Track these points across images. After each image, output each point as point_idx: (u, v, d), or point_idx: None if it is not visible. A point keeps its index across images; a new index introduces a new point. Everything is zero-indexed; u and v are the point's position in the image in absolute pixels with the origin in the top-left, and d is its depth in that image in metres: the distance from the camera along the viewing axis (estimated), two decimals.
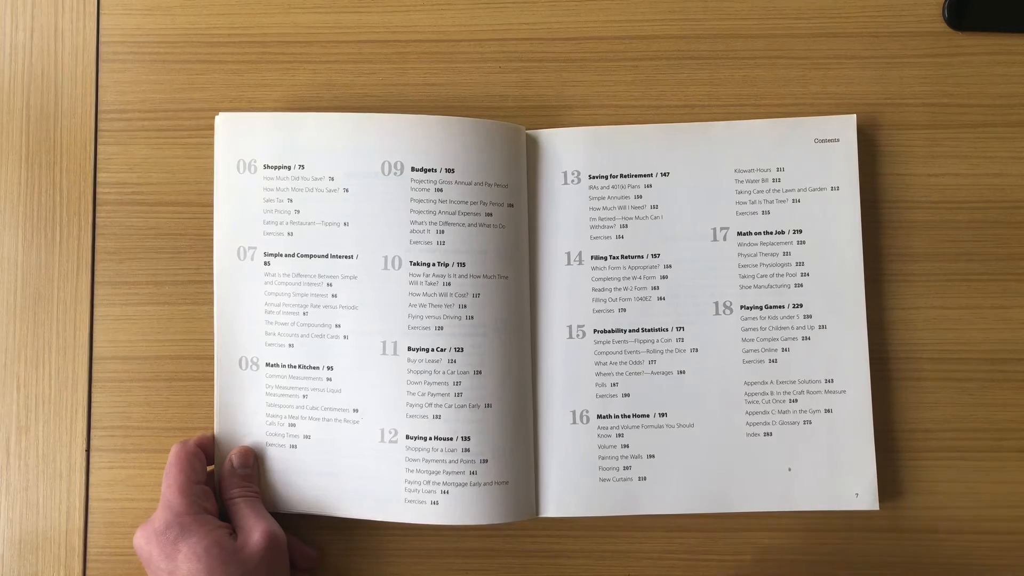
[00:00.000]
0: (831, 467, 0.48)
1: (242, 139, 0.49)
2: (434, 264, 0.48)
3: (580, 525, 0.50)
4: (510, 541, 0.50)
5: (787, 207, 0.49)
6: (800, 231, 0.49)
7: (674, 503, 0.48)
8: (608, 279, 0.50)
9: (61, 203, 0.52)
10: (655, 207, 0.50)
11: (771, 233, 0.49)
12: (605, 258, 0.50)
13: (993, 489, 0.49)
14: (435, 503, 0.47)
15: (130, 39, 0.52)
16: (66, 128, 0.52)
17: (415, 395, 0.47)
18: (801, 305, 0.49)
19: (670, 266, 0.49)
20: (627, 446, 0.49)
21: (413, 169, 0.48)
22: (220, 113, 0.50)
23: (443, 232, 0.48)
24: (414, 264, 0.48)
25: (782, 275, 0.49)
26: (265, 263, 0.49)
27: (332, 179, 0.49)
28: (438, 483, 0.47)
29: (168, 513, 0.44)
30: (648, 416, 0.49)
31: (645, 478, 0.49)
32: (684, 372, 0.49)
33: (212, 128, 0.50)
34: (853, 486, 0.48)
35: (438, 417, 0.47)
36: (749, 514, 0.49)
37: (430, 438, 0.47)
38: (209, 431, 0.49)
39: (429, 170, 0.48)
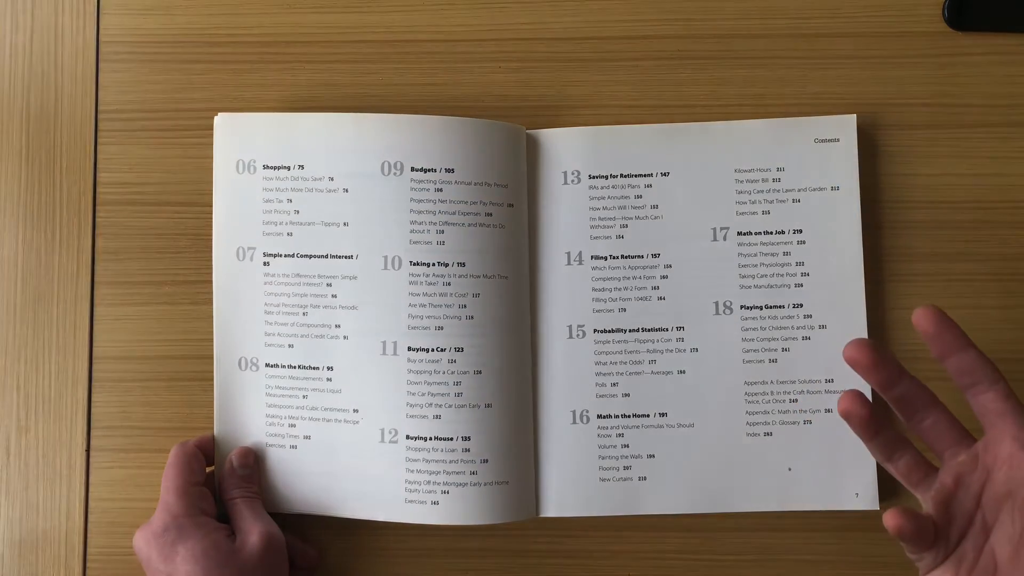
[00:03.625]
0: (831, 467, 0.48)
1: (241, 139, 0.49)
2: (434, 264, 0.48)
3: (580, 525, 0.50)
4: (510, 541, 0.50)
5: (787, 207, 0.49)
6: (800, 231, 0.49)
7: (674, 503, 0.48)
8: (608, 279, 0.50)
9: (61, 203, 0.52)
10: (655, 207, 0.50)
11: (771, 233, 0.49)
12: (605, 258, 0.50)
13: None
14: (435, 503, 0.47)
15: (130, 39, 0.52)
16: (66, 128, 0.52)
17: (415, 395, 0.47)
18: (801, 305, 0.49)
19: (670, 266, 0.49)
20: (627, 446, 0.49)
21: (413, 169, 0.48)
22: (219, 113, 0.50)
23: (443, 232, 0.48)
24: (414, 264, 0.48)
25: (782, 275, 0.49)
26: (264, 263, 0.49)
27: (332, 179, 0.49)
28: (438, 483, 0.47)
29: (166, 515, 0.44)
30: (648, 416, 0.49)
31: (645, 478, 0.49)
32: (684, 372, 0.49)
33: (212, 128, 0.50)
34: (853, 486, 0.48)
35: (438, 417, 0.47)
36: (749, 514, 0.49)
37: (430, 438, 0.47)
38: (209, 431, 0.49)
39: (429, 170, 0.48)
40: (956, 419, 0.39)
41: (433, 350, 0.48)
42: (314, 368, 0.48)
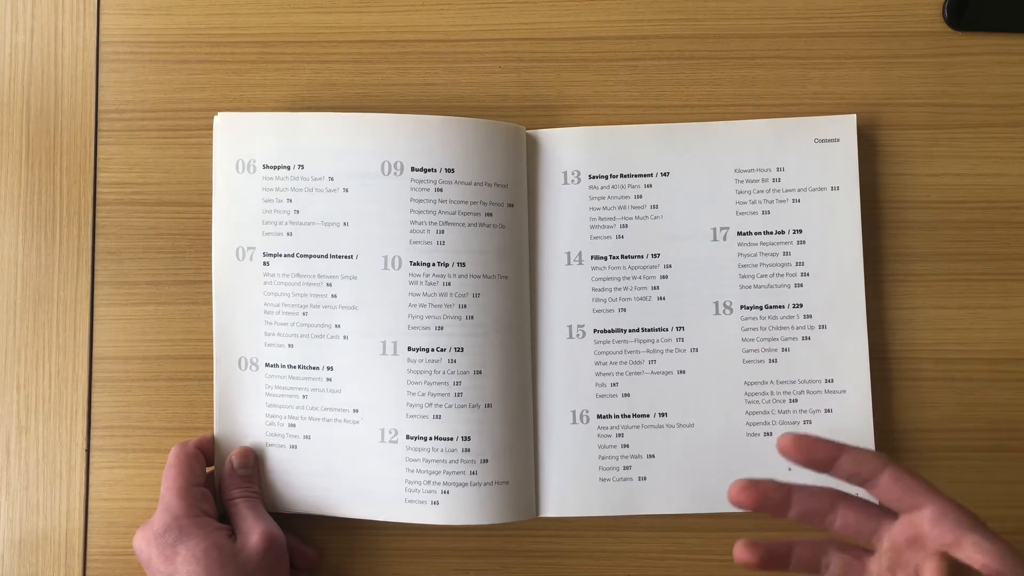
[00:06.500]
0: None
1: (241, 139, 0.49)
2: (434, 264, 0.48)
3: (580, 525, 0.50)
4: (510, 541, 0.50)
5: (787, 207, 0.49)
6: (800, 231, 0.49)
7: (674, 503, 0.48)
8: (608, 279, 0.50)
9: (61, 203, 0.52)
10: (655, 207, 0.50)
11: (771, 233, 0.49)
12: (605, 258, 0.50)
13: (993, 489, 0.49)
14: (435, 503, 0.47)
15: (130, 39, 0.52)
16: (66, 128, 0.52)
17: (415, 395, 0.47)
18: (801, 305, 0.49)
19: (670, 266, 0.49)
20: (627, 446, 0.49)
21: (413, 169, 0.48)
22: (219, 113, 0.50)
23: (443, 232, 0.48)
24: (414, 264, 0.48)
25: (782, 275, 0.49)
26: (264, 263, 0.49)
27: (332, 179, 0.49)
28: (438, 483, 0.47)
29: (167, 515, 0.44)
30: (648, 416, 0.49)
31: (645, 478, 0.49)
32: (684, 372, 0.49)
33: (212, 128, 0.50)
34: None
35: (438, 417, 0.47)
36: (749, 514, 0.49)
37: (430, 438, 0.47)
38: (209, 431, 0.49)
39: (429, 170, 0.48)
40: (864, 502, 0.37)
41: (433, 350, 0.48)
42: (314, 368, 0.48)
